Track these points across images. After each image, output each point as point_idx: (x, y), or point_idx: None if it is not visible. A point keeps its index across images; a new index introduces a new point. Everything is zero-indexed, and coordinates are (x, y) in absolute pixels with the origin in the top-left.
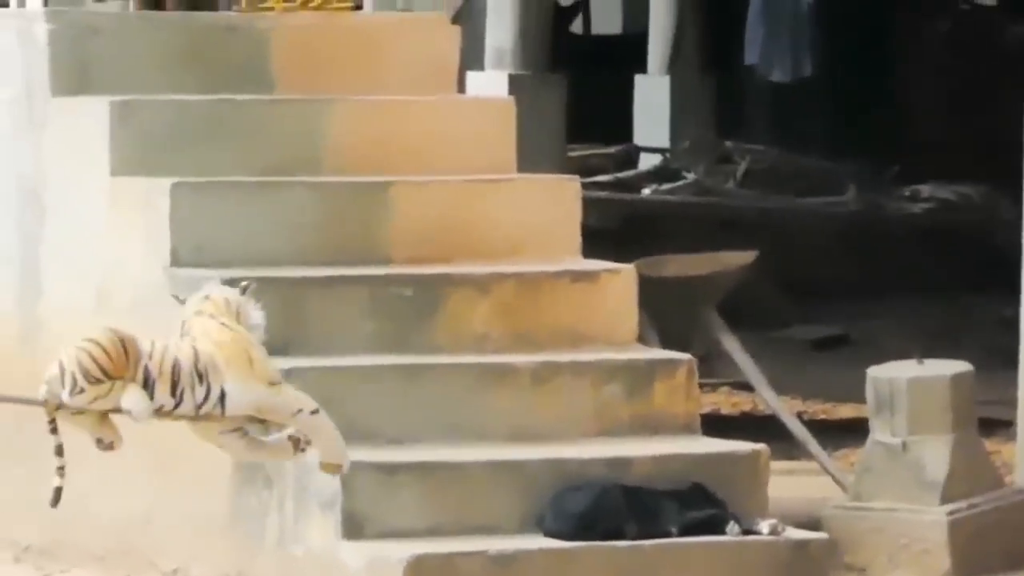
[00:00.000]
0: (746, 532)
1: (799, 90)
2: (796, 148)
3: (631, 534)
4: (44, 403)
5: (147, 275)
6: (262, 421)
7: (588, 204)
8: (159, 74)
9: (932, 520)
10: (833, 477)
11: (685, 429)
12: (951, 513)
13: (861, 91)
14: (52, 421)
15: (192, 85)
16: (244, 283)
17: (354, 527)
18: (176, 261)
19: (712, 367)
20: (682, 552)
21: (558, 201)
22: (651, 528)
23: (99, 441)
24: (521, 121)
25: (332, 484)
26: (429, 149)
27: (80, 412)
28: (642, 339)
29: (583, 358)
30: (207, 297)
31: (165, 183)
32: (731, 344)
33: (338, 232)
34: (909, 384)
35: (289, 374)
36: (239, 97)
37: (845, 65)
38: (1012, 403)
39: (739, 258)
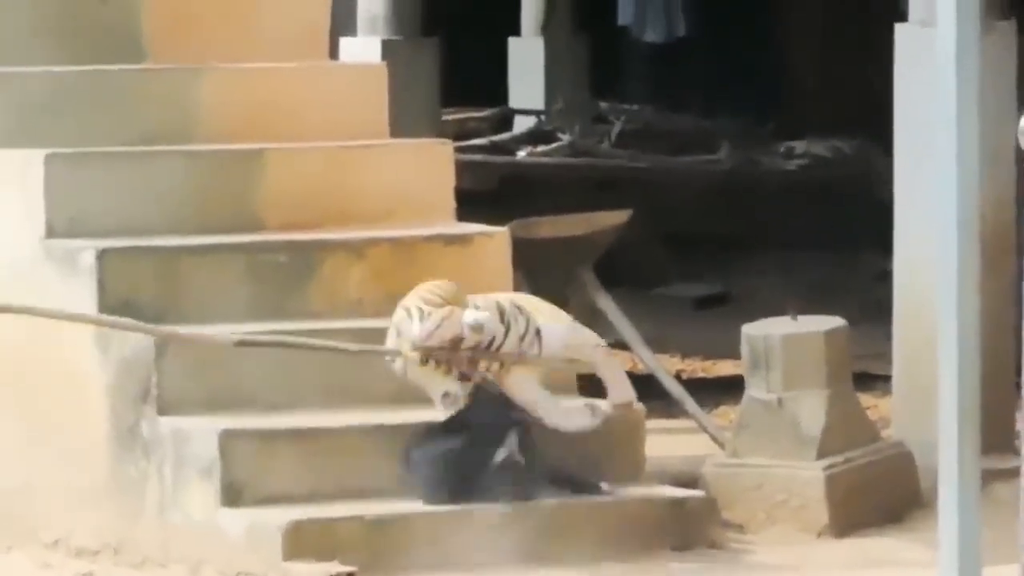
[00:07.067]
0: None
1: (673, 50)
2: (671, 107)
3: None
4: (398, 353)
5: (23, 248)
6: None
7: (463, 168)
8: (31, 45)
9: (809, 475)
10: (710, 435)
11: (561, 389)
12: (828, 468)
13: (735, 49)
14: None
15: (64, 56)
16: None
17: (233, 494)
18: (51, 233)
19: (591, 327)
20: (561, 513)
21: (431, 165)
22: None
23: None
24: (395, 86)
25: (210, 451)
26: (302, 116)
27: (425, 362)
28: None
29: None
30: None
31: (39, 154)
32: (606, 304)
33: (212, 200)
34: (783, 340)
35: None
36: (111, 67)
37: (719, 23)
38: (889, 357)
39: (612, 218)
